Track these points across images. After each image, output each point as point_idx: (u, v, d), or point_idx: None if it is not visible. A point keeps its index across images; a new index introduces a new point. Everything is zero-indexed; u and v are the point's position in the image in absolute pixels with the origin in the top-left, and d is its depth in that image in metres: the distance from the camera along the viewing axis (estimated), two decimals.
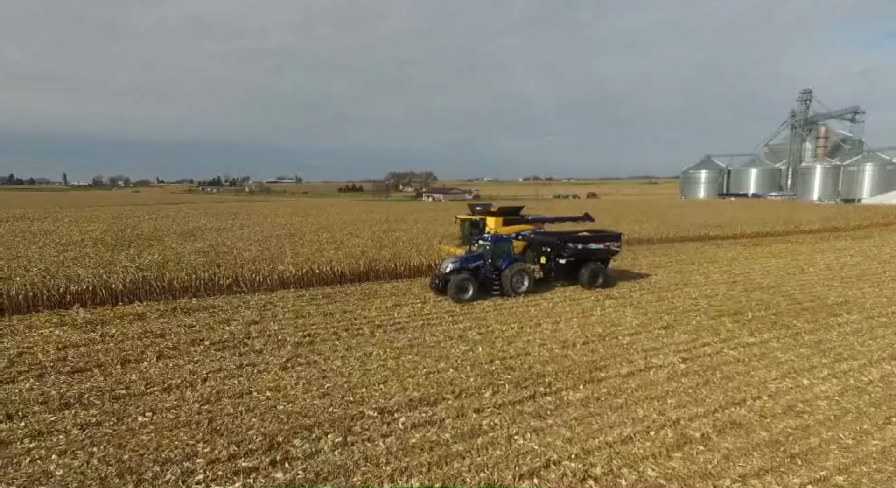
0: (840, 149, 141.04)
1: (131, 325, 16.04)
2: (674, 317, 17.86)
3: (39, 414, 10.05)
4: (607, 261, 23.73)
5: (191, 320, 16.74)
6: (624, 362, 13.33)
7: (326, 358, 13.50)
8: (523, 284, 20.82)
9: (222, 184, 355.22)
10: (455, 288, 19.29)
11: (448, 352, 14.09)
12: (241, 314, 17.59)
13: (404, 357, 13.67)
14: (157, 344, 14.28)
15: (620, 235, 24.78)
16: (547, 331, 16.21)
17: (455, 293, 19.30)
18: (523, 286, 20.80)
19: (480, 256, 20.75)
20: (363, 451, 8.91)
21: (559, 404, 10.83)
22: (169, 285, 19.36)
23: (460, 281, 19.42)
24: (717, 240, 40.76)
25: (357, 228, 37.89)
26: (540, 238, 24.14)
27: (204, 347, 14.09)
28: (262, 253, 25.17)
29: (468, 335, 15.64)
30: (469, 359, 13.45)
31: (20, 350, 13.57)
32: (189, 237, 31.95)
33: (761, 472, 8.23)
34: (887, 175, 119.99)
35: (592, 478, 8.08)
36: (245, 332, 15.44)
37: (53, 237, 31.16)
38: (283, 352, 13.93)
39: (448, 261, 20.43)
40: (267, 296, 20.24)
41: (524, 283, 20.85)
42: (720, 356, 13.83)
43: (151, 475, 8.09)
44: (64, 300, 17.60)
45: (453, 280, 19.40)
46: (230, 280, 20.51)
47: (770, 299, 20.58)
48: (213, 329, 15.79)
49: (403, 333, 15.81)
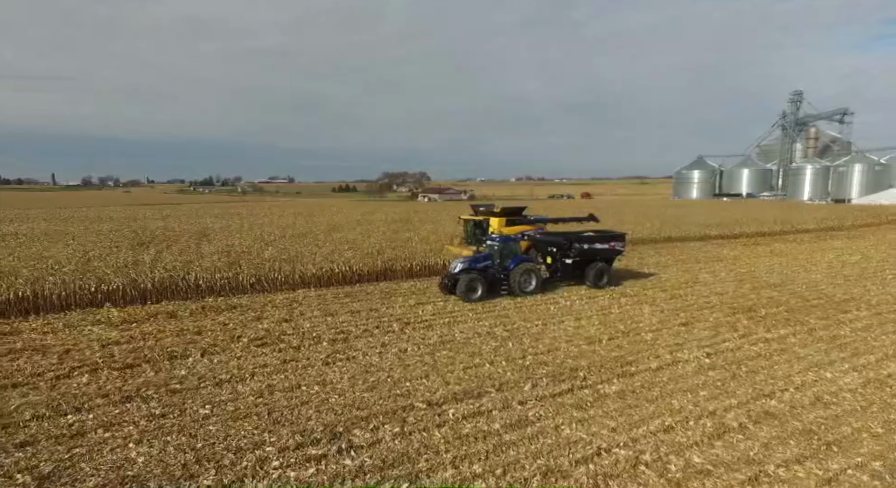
0: (829, 150, 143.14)
1: (167, 323, 16.41)
2: (690, 314, 18.46)
3: (104, 407, 10.44)
4: (612, 260, 24.18)
5: (223, 318, 17.14)
6: (651, 357, 13.88)
7: (364, 353, 13.95)
8: (531, 284, 21.24)
9: (214, 184, 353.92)
10: (464, 288, 19.72)
11: (479, 348, 14.58)
12: (269, 312, 17.99)
13: (438, 352, 14.14)
14: (198, 341, 14.67)
15: (625, 235, 25.30)
16: (570, 327, 16.74)
17: (465, 293, 19.73)
18: (531, 285, 21.21)
19: (488, 257, 21.15)
20: (421, 440, 9.38)
21: (597, 397, 11.35)
22: (195, 285, 19.69)
23: (469, 281, 19.85)
24: (717, 240, 41.53)
25: (367, 229, 38.31)
26: (546, 238, 24.53)
27: (244, 344, 14.49)
28: (280, 253, 25.54)
29: (495, 332, 16.14)
30: (501, 355, 13.95)
31: (66, 347, 13.92)
32: (202, 237, 32.25)
33: (801, 458, 8.79)
34: (876, 175, 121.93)
35: (643, 464, 8.60)
36: (279, 330, 15.86)
37: (70, 238, 31.38)
38: (321, 348, 14.36)
39: (457, 262, 20.83)
40: (290, 295, 20.65)
41: (531, 283, 21.28)
42: (742, 351, 14.42)
43: (228, 461, 8.53)
44: (95, 299, 17.92)
45: (462, 280, 19.82)
46: (253, 279, 20.87)
47: (779, 297, 21.25)
48: (248, 326, 16.20)
49: (432, 330, 16.29)
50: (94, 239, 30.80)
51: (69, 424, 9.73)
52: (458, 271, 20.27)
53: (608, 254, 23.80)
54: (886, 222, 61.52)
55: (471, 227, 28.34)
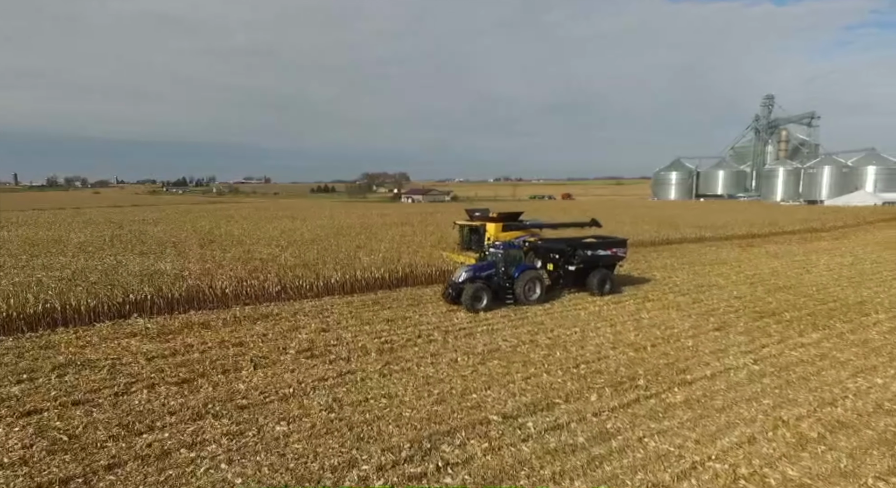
0: (799, 152, 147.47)
1: (204, 334, 16.04)
2: (718, 318, 18.81)
3: (177, 425, 10.15)
4: (614, 266, 24.06)
5: (259, 328, 16.83)
6: (700, 364, 14.09)
7: (417, 364, 13.85)
8: (535, 292, 20.84)
9: (187, 184, 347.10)
10: (470, 297, 19.22)
11: (528, 356, 14.61)
12: (304, 322, 17.73)
13: (490, 362, 14.13)
14: (244, 353, 14.38)
15: (626, 241, 25.38)
16: (608, 334, 16.90)
17: (470, 302, 19.23)
18: (535, 294, 20.80)
19: (492, 265, 20.72)
20: (513, 455, 9.35)
21: (666, 407, 11.47)
22: (222, 293, 19.30)
23: (475, 290, 19.38)
24: (712, 241, 42.44)
25: (373, 233, 38.05)
26: (549, 244, 24.33)
27: (292, 356, 14.25)
28: (297, 259, 25.19)
29: (538, 340, 16.19)
30: (554, 364, 14.00)
31: (111, 361, 13.51)
32: (208, 243, 31.63)
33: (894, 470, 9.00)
34: (843, 177, 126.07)
35: (742, 478, 8.71)
36: (323, 340, 15.64)
37: (69, 244, 30.41)
38: (371, 359, 14.21)
39: (461, 271, 20.35)
40: (317, 303, 20.40)
41: (536, 291, 20.87)
42: (785, 357, 14.73)
43: (331, 482, 8.38)
44: (123, 309, 17.41)
45: (468, 289, 19.32)
46: (279, 287, 20.55)
47: (795, 300, 21.79)
48: (288, 337, 15.94)
49: (474, 338, 16.27)
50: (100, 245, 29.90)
51: (148, 444, 9.43)
52: (463, 280, 19.76)
53: (610, 261, 23.71)
54: (864, 223, 63.76)
55: (466, 233, 28.12)
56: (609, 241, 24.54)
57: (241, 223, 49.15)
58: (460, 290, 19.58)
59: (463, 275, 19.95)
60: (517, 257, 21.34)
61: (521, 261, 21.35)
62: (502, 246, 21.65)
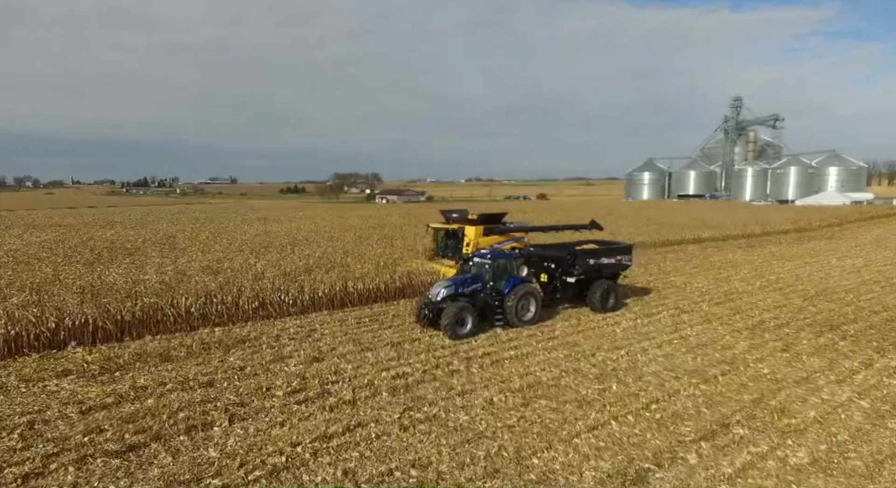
0: (764, 153, 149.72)
1: (162, 370, 12.50)
2: (773, 334, 16.24)
3: None
4: (616, 277, 20.39)
5: (234, 359, 13.38)
6: (794, 400, 11.35)
7: (444, 409, 10.71)
8: (529, 310, 17.08)
9: (149, 185, 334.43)
10: (452, 320, 15.29)
11: (580, 393, 11.64)
12: (289, 347, 14.35)
13: (535, 403, 11.10)
14: (215, 398, 10.95)
15: (632, 247, 21.42)
16: (659, 357, 14.07)
17: (451, 327, 15.29)
18: (529, 313, 17.08)
19: (478, 278, 16.93)
20: None
21: (797, 473, 8.60)
22: (186, 312, 15.75)
23: (458, 311, 15.45)
24: (710, 243, 40.47)
25: (358, 235, 34.51)
26: (543, 251, 20.47)
27: (279, 401, 10.90)
28: (274, 267, 21.61)
29: (582, 368, 13.23)
30: (616, 404, 11.05)
31: (29, 417, 9.89)
32: (170, 248, 27.62)
33: None
34: (808, 177, 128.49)
35: None
36: (317, 375, 12.28)
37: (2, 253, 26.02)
38: (383, 402, 11.01)
39: (439, 287, 16.39)
40: (302, 321, 17.02)
41: (531, 309, 17.12)
42: (889, 387, 12.13)
43: None
44: (56, 338, 13.71)
45: (449, 310, 15.42)
46: (256, 303, 17.10)
47: (840, 309, 19.49)
48: (272, 371, 12.55)
49: (503, 367, 13.22)
50: (34, 251, 25.62)
51: None
52: (443, 297, 15.96)
53: (614, 270, 20.13)
54: (846, 222, 63.34)
55: (442, 237, 23.95)
56: (613, 248, 20.95)
57: (205, 224, 44.96)
58: (439, 311, 15.69)
59: (442, 292, 16.09)
60: (508, 268, 17.49)
61: (513, 273, 17.47)
62: (490, 254, 17.80)
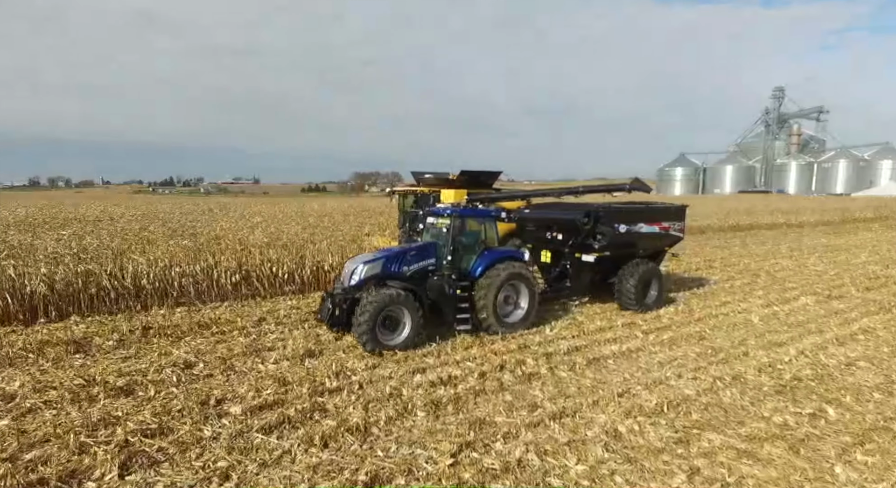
0: (808, 147, 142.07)
1: (67, 370, 7.79)
2: None
3: None
4: (661, 257, 13.41)
5: (182, 352, 8.60)
6: None
7: (531, 447, 5.76)
8: (519, 306, 10.35)
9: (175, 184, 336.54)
10: (368, 319, 8.56)
11: (769, 420, 6.65)
12: (272, 337, 9.55)
13: (700, 440, 6.12)
14: (120, 419, 6.18)
15: (684, 209, 13.32)
16: (859, 361, 8.91)
17: (368, 332, 8.56)
18: (519, 310, 10.33)
19: (429, 250, 10.04)
20: None
21: None
22: (135, 284, 11.07)
23: (381, 304, 8.69)
24: (788, 228, 34.77)
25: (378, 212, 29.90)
26: (544, 214, 13.19)
27: (230, 427, 6.05)
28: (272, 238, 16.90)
29: (744, 375, 8.15)
30: (866, 445, 6.00)
31: None
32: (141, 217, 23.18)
33: None
34: (860, 171, 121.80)
35: None
36: (304, 379, 7.44)
37: None
38: (415, 428, 6.12)
39: (358, 262, 9.60)
40: (297, 303, 12.26)
41: (521, 305, 10.36)
42: None
43: None
44: None
45: (366, 303, 8.67)
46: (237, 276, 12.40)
47: None
48: (236, 372, 7.74)
49: (608, 371, 8.25)
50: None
51: None
52: (358, 282, 9.31)
53: (658, 244, 12.90)
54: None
55: (411, 205, 16.52)
56: (656, 208, 13.24)
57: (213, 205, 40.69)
58: (352, 303, 9.04)
59: (359, 274, 9.35)
60: (484, 235, 10.53)
61: (490, 244, 10.54)
62: (450, 211, 10.37)
